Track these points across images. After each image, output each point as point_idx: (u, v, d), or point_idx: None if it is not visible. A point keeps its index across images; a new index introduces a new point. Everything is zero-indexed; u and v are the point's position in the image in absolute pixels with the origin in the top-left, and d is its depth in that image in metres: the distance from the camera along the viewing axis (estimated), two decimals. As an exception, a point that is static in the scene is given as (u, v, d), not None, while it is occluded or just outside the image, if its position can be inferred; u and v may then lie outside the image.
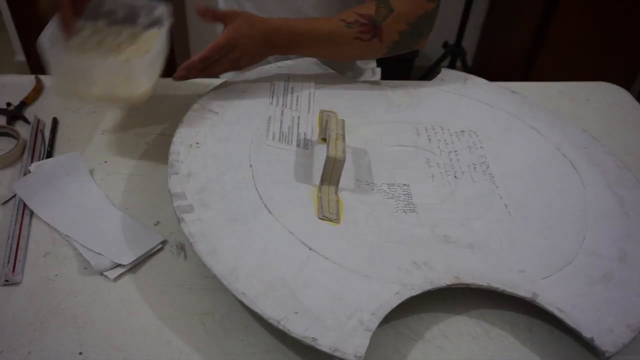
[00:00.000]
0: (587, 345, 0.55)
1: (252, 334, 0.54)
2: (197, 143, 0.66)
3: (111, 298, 0.57)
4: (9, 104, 0.81)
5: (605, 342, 0.52)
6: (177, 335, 0.54)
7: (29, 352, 0.52)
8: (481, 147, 0.75)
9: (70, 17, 0.65)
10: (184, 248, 0.62)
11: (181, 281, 0.59)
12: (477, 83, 0.86)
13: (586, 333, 0.53)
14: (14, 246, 0.60)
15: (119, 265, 0.59)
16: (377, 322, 0.51)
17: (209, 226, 0.57)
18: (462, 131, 0.78)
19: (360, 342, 0.49)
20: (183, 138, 0.67)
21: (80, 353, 0.52)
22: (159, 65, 0.70)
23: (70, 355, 0.51)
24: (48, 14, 0.66)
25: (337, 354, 0.48)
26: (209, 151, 0.66)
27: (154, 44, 0.69)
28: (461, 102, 0.83)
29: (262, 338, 0.54)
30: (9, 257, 0.59)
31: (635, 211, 0.66)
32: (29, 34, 1.81)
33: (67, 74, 0.67)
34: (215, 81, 0.91)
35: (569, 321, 0.53)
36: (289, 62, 0.85)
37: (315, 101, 0.79)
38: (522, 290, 0.55)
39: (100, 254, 0.60)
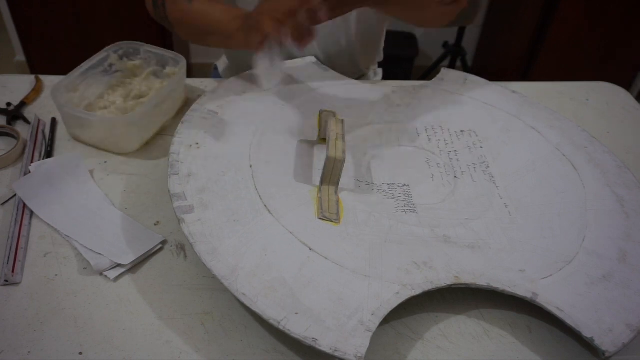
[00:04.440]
0: (587, 345, 0.55)
1: (252, 334, 0.54)
2: (197, 143, 0.66)
3: (111, 298, 0.57)
4: (9, 104, 0.81)
5: (605, 341, 0.52)
6: (177, 335, 0.54)
7: (29, 352, 0.52)
8: (481, 147, 0.75)
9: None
10: (183, 248, 0.62)
11: (181, 281, 0.59)
12: (477, 83, 0.86)
13: (586, 333, 0.52)
14: (14, 246, 0.60)
15: (119, 265, 0.59)
16: (377, 323, 0.51)
17: (209, 227, 0.57)
18: (462, 131, 0.78)
19: (360, 343, 0.49)
20: (183, 138, 0.67)
21: (80, 353, 0.52)
22: (153, 119, 0.76)
23: (70, 355, 0.51)
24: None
25: (337, 354, 0.48)
26: (209, 151, 0.66)
27: (147, 101, 0.77)
28: (461, 102, 0.83)
29: (262, 338, 0.54)
30: (9, 257, 0.59)
31: (635, 211, 0.66)
32: (29, 34, 1.81)
33: (71, 121, 0.75)
34: (215, 82, 0.91)
35: (568, 321, 0.53)
36: (288, 62, 0.85)
37: (315, 101, 0.79)
38: (522, 290, 0.55)
39: (100, 254, 0.60)
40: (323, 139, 0.72)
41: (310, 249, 0.57)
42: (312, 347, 0.48)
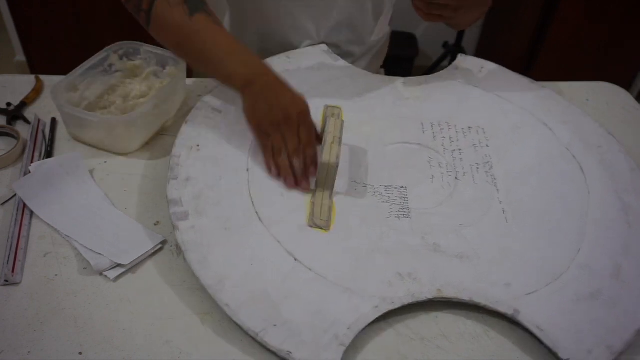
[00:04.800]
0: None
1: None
2: (198, 145, 0.66)
3: (111, 298, 0.57)
4: (9, 104, 0.81)
5: None
6: (177, 335, 0.54)
7: (29, 352, 0.51)
8: (487, 146, 0.73)
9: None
10: (183, 248, 0.62)
11: (181, 281, 0.59)
12: (495, 72, 0.84)
13: (563, 354, 0.51)
14: (14, 246, 0.60)
15: (119, 265, 0.59)
16: (352, 337, 0.51)
17: (202, 234, 0.57)
18: (470, 127, 0.76)
19: (332, 357, 0.49)
20: (185, 140, 0.67)
21: (80, 353, 0.52)
22: (153, 119, 0.76)
23: (70, 355, 0.51)
24: None
25: None
26: (209, 154, 0.66)
27: (147, 101, 0.76)
28: (472, 95, 0.80)
29: (262, 338, 0.54)
30: (9, 257, 0.59)
31: (638, 221, 0.64)
32: (29, 34, 1.81)
33: (71, 121, 0.75)
34: (215, 82, 0.91)
35: (546, 341, 0.52)
36: (297, 51, 0.84)
37: (322, 93, 0.77)
38: (505, 306, 0.55)
39: (100, 254, 0.60)
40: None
41: (295, 259, 0.56)
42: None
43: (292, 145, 0.65)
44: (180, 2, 0.67)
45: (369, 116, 0.76)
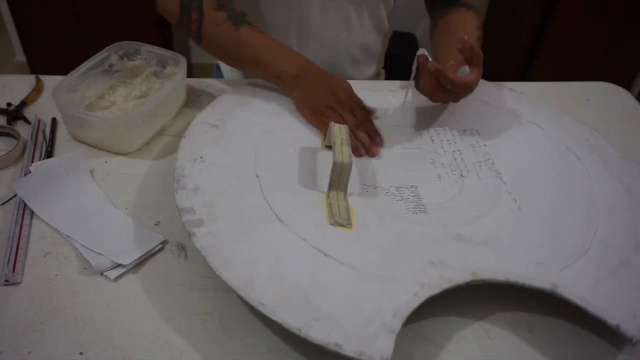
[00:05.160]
0: (588, 345, 0.55)
1: (252, 334, 0.54)
2: (201, 157, 0.66)
3: (111, 298, 0.57)
4: (9, 104, 0.81)
5: (631, 327, 0.51)
6: (177, 335, 0.54)
7: (29, 352, 0.52)
8: (484, 145, 0.75)
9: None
10: (184, 248, 0.62)
11: (181, 281, 0.59)
12: None
13: (611, 320, 0.52)
14: (14, 246, 0.60)
15: (119, 265, 0.59)
16: (399, 324, 0.50)
17: (220, 239, 0.56)
18: (464, 130, 0.78)
19: (385, 345, 0.48)
20: (186, 153, 0.66)
21: (81, 353, 0.52)
22: (153, 119, 0.76)
23: (70, 355, 0.51)
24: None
25: (363, 357, 0.47)
26: (214, 164, 0.65)
27: (147, 100, 0.76)
28: (461, 102, 0.83)
29: (263, 338, 0.54)
30: (9, 257, 0.59)
31: None
32: (29, 34, 1.81)
33: (72, 121, 0.75)
34: (216, 82, 0.91)
35: (592, 309, 0.53)
36: None
37: None
38: (542, 282, 0.55)
39: (100, 254, 0.60)
40: (327, 146, 0.72)
41: (325, 255, 0.56)
42: (337, 352, 0.48)
43: (351, 121, 0.74)
44: (225, 19, 0.75)
45: None
